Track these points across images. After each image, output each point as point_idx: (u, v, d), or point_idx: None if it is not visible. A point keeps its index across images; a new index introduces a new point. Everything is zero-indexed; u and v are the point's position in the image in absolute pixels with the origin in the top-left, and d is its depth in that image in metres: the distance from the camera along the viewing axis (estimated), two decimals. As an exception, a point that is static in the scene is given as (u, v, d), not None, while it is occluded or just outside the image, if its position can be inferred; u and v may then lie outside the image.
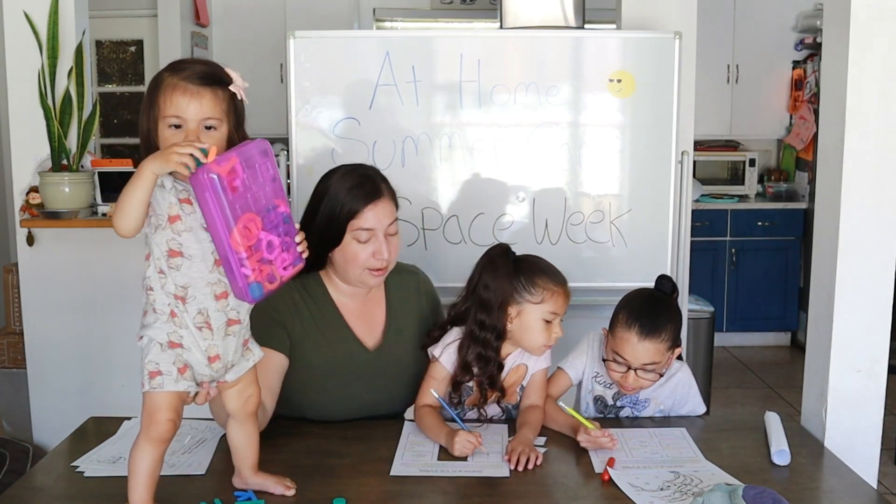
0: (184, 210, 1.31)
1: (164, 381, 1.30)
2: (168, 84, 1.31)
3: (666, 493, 1.48)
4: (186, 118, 1.30)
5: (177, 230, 1.31)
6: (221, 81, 1.34)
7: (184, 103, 1.30)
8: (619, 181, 2.79)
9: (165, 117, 1.30)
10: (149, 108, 1.32)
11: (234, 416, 1.45)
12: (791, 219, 5.16)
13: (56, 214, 3.03)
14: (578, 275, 2.76)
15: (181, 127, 1.30)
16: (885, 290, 1.87)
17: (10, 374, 3.34)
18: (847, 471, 1.65)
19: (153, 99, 1.31)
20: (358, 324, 1.84)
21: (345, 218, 1.73)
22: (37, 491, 1.53)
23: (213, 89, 1.32)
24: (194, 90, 1.30)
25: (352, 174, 1.79)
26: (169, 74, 1.32)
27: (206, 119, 1.31)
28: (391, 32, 4.59)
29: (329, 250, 1.77)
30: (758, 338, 5.31)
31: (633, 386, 1.79)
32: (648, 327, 1.74)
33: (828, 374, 1.89)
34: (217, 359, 1.35)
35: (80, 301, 3.17)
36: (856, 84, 1.82)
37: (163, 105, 1.30)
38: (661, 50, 2.70)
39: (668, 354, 1.78)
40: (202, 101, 1.31)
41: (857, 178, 1.84)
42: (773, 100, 5.33)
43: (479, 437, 1.62)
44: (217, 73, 1.35)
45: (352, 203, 1.73)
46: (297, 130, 2.71)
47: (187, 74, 1.31)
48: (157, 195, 1.30)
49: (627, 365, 1.76)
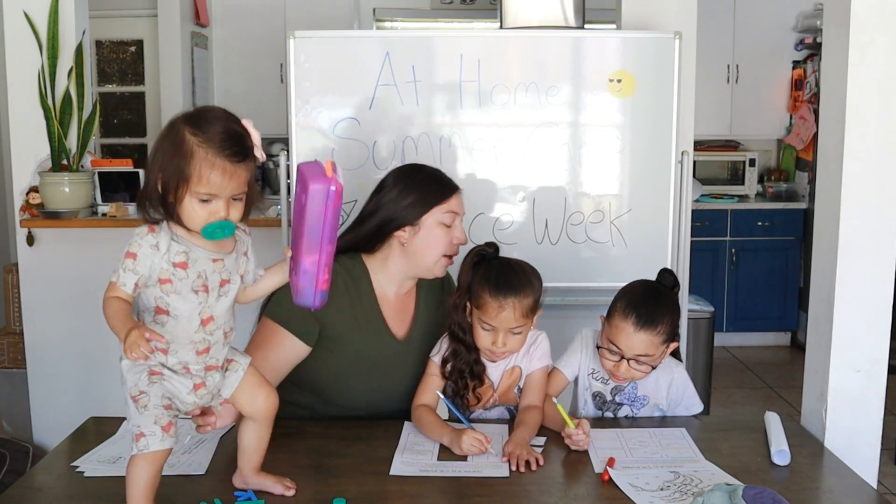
0: (176, 275, 1.28)
1: (148, 442, 1.29)
2: (202, 158, 1.25)
3: (666, 493, 1.48)
4: (219, 195, 1.27)
5: (166, 290, 1.29)
6: (250, 152, 1.30)
7: (219, 183, 1.26)
8: (619, 181, 2.79)
9: (197, 193, 1.26)
10: (175, 173, 1.25)
11: (252, 419, 1.45)
12: (791, 219, 5.16)
13: (56, 214, 3.03)
14: (578, 275, 2.78)
15: (210, 201, 1.27)
16: (885, 290, 1.87)
17: (10, 374, 3.34)
18: (847, 471, 1.65)
19: (181, 167, 1.25)
20: (391, 314, 1.86)
21: (433, 201, 1.80)
22: (37, 491, 1.53)
23: (245, 164, 1.29)
24: (231, 170, 1.26)
25: (429, 168, 1.91)
26: (200, 144, 1.25)
27: (237, 193, 1.30)
28: (391, 32, 4.59)
29: (394, 230, 1.80)
30: (758, 338, 5.31)
31: (625, 376, 1.79)
32: (645, 318, 1.73)
33: (828, 374, 1.90)
34: (202, 386, 1.36)
35: (80, 301, 3.17)
36: (856, 84, 1.82)
37: (195, 181, 1.25)
38: (661, 50, 2.70)
39: (663, 348, 1.78)
40: (238, 179, 1.28)
41: (857, 178, 1.84)
42: (773, 100, 5.33)
43: (487, 437, 1.63)
44: (246, 142, 1.30)
45: (441, 188, 1.83)
46: (297, 130, 2.71)
47: (220, 148, 1.26)
48: (151, 256, 1.27)
49: (621, 354, 1.76)
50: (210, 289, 1.32)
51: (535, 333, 1.84)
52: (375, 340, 1.84)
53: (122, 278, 1.27)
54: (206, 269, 1.31)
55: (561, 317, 2.65)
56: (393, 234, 1.82)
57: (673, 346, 1.82)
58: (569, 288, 2.77)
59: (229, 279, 1.35)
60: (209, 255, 1.32)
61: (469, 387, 1.80)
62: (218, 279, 1.33)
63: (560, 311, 2.74)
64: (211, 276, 1.32)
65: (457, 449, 1.63)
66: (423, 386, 1.82)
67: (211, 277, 1.32)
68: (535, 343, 1.83)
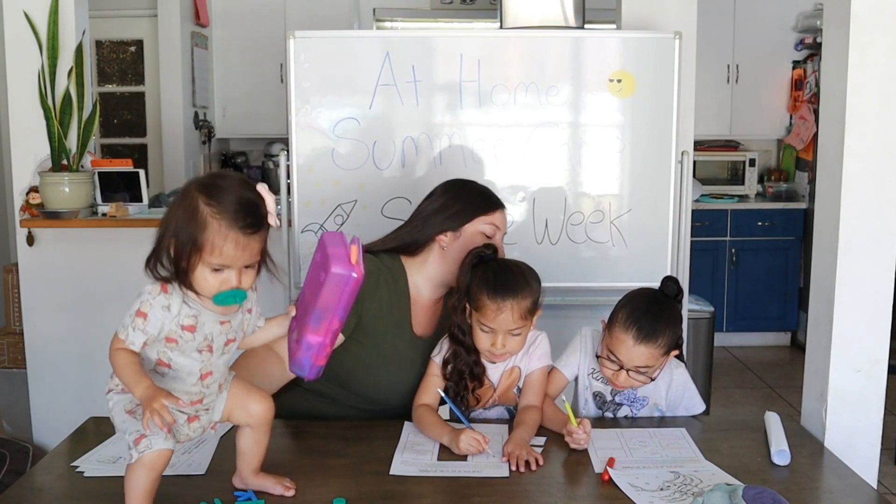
0: (183, 337, 1.29)
1: (151, 441, 1.28)
2: (215, 231, 1.24)
3: (666, 493, 1.48)
4: (231, 265, 1.27)
5: (170, 348, 1.30)
6: (264, 221, 1.30)
7: (232, 255, 1.26)
8: (619, 181, 2.79)
9: (209, 263, 1.26)
10: (188, 241, 1.25)
11: (250, 426, 1.45)
12: (791, 219, 5.16)
13: (56, 214, 3.03)
14: (578, 275, 2.77)
15: (222, 270, 1.27)
16: (885, 290, 1.87)
17: (10, 374, 3.34)
18: (847, 471, 1.65)
19: (194, 236, 1.25)
20: (419, 314, 1.90)
21: (477, 211, 1.88)
22: (37, 491, 1.53)
23: (259, 234, 1.28)
24: (245, 242, 1.26)
25: (479, 184, 2.00)
26: (214, 215, 1.25)
27: (250, 262, 1.30)
28: (391, 32, 4.59)
29: (436, 234, 1.87)
30: (758, 338, 5.31)
31: (624, 385, 1.80)
32: (646, 332, 1.73)
33: (828, 374, 1.90)
34: (196, 419, 1.37)
35: (80, 301, 3.17)
36: (856, 84, 1.82)
37: (208, 251, 1.25)
38: (661, 50, 2.70)
39: (663, 359, 1.78)
40: (251, 250, 1.28)
41: (857, 178, 1.84)
42: (773, 100, 5.33)
43: (485, 437, 1.63)
44: (260, 211, 1.29)
45: (487, 201, 1.92)
46: (297, 130, 2.71)
47: (234, 220, 1.25)
48: (161, 318, 1.27)
49: (620, 364, 1.76)
50: (214, 349, 1.33)
51: (535, 334, 1.83)
52: (401, 335, 1.88)
53: (132, 337, 1.27)
54: (213, 332, 1.32)
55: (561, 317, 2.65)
56: (435, 238, 1.87)
57: (674, 354, 1.82)
58: (569, 288, 2.77)
59: (234, 338, 1.37)
60: (217, 317, 1.32)
61: (469, 388, 1.81)
62: (223, 339, 1.34)
63: (560, 311, 2.74)
64: (217, 338, 1.33)
65: (455, 448, 1.63)
66: (424, 386, 1.83)
67: (217, 339, 1.33)
68: (534, 343, 1.83)
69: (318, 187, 2.72)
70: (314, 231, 2.74)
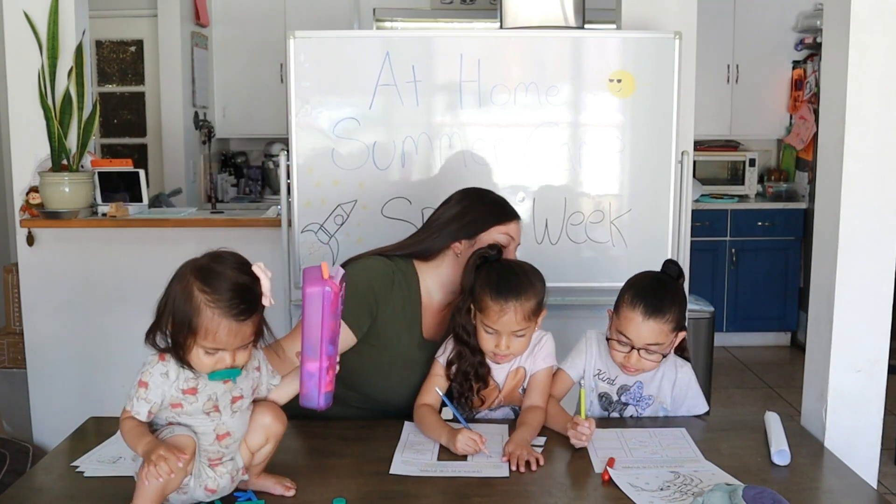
0: (186, 400, 1.33)
1: (174, 430, 1.33)
2: (208, 318, 1.28)
3: (666, 493, 1.48)
4: (225, 348, 1.31)
5: (177, 413, 1.33)
6: (258, 304, 1.32)
7: (225, 340, 1.30)
8: (619, 181, 2.79)
9: (203, 345, 1.30)
10: (183, 323, 1.29)
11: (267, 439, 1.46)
12: (791, 219, 5.16)
13: (56, 214, 3.03)
14: (578, 275, 2.78)
15: (216, 352, 1.31)
16: (885, 290, 1.87)
17: (10, 374, 3.33)
18: (847, 471, 1.65)
19: (189, 318, 1.29)
20: (429, 316, 1.91)
21: (493, 221, 1.90)
22: (37, 491, 1.53)
23: (252, 318, 1.32)
24: (237, 329, 1.30)
25: (495, 193, 2.01)
26: (208, 303, 1.28)
27: (243, 344, 1.33)
28: (391, 32, 4.59)
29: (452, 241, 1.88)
30: (758, 338, 5.31)
31: (636, 367, 1.79)
32: (653, 307, 1.74)
33: (828, 374, 1.89)
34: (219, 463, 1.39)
35: (80, 301, 3.17)
36: (856, 84, 1.82)
37: (202, 335, 1.29)
38: (661, 50, 2.70)
39: (672, 336, 1.78)
40: (243, 334, 1.32)
41: (857, 178, 1.84)
42: (773, 100, 5.33)
43: (482, 438, 1.63)
44: (255, 293, 1.32)
45: (503, 211, 1.93)
46: (297, 130, 2.71)
47: (228, 308, 1.29)
48: (161, 385, 1.32)
49: (631, 345, 1.76)
50: (221, 408, 1.35)
51: (540, 334, 1.83)
52: (410, 341, 1.89)
53: (136, 407, 1.32)
54: (217, 392, 1.35)
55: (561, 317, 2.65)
56: (450, 245, 1.89)
57: (681, 335, 1.82)
58: (569, 288, 2.77)
59: (241, 395, 1.38)
60: None
61: (474, 389, 1.81)
62: (229, 398, 1.36)
63: (560, 310, 2.74)
64: (221, 398, 1.35)
65: (453, 448, 1.64)
66: (427, 385, 1.83)
67: (221, 398, 1.35)
68: (539, 344, 1.83)
69: (318, 187, 2.72)
70: (314, 231, 2.74)
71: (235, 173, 5.40)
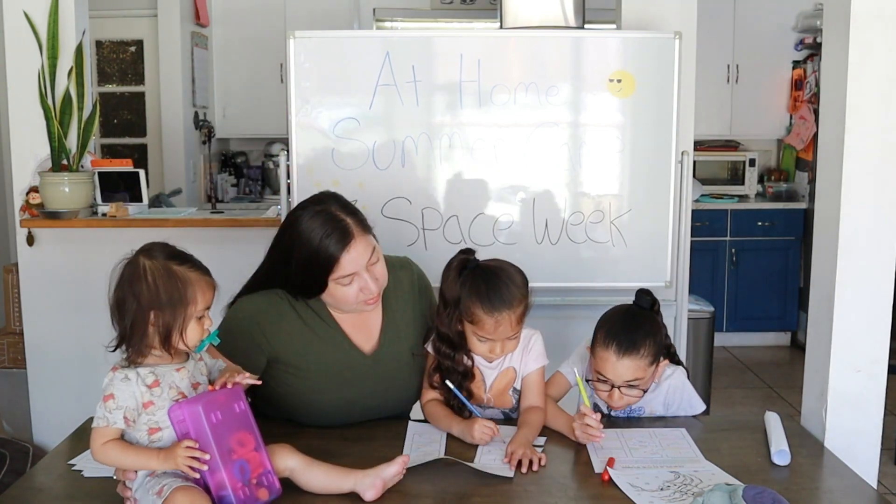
0: (154, 393, 1.37)
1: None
2: (196, 280, 1.38)
3: (666, 493, 1.48)
4: (209, 306, 1.41)
5: (151, 412, 1.37)
6: None
7: (209, 297, 1.41)
8: (619, 181, 2.79)
9: (195, 314, 1.39)
10: (177, 304, 1.36)
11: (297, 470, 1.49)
12: (791, 219, 5.16)
13: (56, 214, 3.03)
14: (578, 275, 2.77)
15: (203, 317, 1.41)
16: (885, 290, 1.87)
17: (10, 374, 3.34)
18: (847, 471, 1.65)
19: (181, 294, 1.36)
20: (354, 331, 1.82)
21: (324, 271, 1.68)
22: (37, 491, 1.53)
23: None
24: (212, 283, 1.42)
25: (317, 219, 1.69)
26: (191, 269, 1.39)
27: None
28: (391, 32, 4.59)
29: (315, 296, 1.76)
30: (758, 338, 5.31)
31: (620, 404, 1.79)
32: (626, 344, 1.73)
33: (828, 374, 1.89)
34: None
35: (80, 301, 3.17)
36: (856, 84, 1.82)
37: (195, 302, 1.38)
38: (661, 50, 2.71)
39: (651, 369, 1.78)
40: (213, 290, 1.43)
41: (857, 178, 1.84)
42: (773, 100, 5.33)
43: (496, 426, 1.64)
44: None
45: (325, 255, 1.67)
46: (297, 130, 2.71)
47: (200, 267, 1.42)
48: (126, 388, 1.35)
49: (611, 383, 1.76)
50: (188, 395, 1.40)
51: (530, 333, 1.82)
52: (341, 356, 1.80)
53: (111, 418, 1.34)
54: (175, 379, 1.40)
55: (561, 317, 2.65)
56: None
57: (662, 365, 1.81)
58: (568, 288, 2.77)
59: (199, 382, 1.45)
60: (170, 367, 1.40)
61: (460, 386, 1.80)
62: (188, 384, 1.41)
63: (560, 311, 2.75)
64: (181, 384, 1.41)
65: (468, 437, 1.65)
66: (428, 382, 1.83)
67: (181, 385, 1.40)
68: (529, 344, 1.82)
69: (318, 187, 2.70)
70: (314, 231, 2.74)
71: (235, 173, 5.41)
